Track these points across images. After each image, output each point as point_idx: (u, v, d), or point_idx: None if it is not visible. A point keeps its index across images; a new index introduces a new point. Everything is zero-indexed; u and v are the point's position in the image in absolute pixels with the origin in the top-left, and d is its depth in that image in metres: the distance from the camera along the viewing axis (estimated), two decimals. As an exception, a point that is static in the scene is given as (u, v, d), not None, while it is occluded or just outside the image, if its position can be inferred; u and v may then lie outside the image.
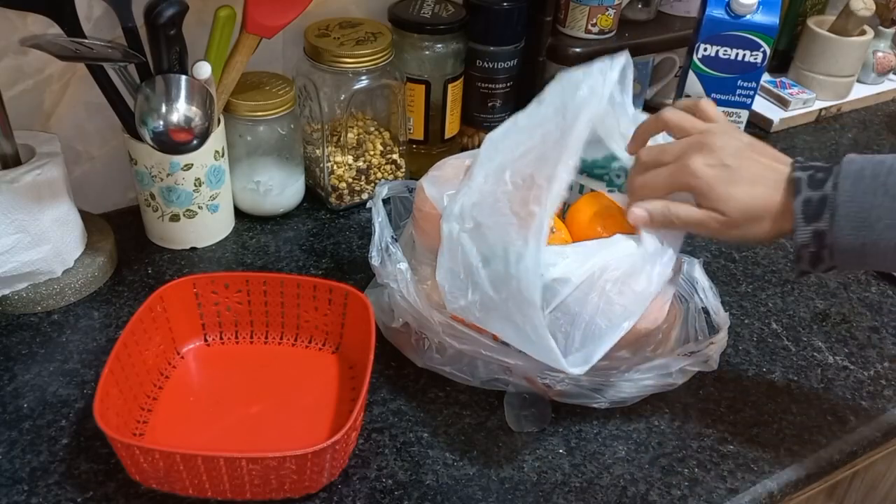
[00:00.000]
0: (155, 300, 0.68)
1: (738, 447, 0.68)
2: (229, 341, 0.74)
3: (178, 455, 0.56)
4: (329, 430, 0.65)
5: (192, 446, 0.61)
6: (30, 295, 0.76)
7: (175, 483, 0.58)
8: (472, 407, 0.70)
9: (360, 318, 0.69)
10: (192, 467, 0.56)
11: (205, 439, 0.65)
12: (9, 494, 0.60)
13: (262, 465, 0.56)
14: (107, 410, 0.59)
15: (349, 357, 0.72)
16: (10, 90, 0.77)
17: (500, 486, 0.63)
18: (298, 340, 0.74)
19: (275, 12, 0.77)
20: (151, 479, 0.59)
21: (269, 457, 0.55)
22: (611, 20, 1.00)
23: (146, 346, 0.67)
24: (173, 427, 0.66)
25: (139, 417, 0.65)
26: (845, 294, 0.86)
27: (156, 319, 0.69)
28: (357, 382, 0.67)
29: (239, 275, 0.73)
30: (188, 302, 0.71)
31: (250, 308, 0.73)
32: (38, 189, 0.73)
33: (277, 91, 0.85)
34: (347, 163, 0.91)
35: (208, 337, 0.73)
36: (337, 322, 0.72)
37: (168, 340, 0.70)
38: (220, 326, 0.73)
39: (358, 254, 0.87)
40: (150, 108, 0.71)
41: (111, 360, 0.62)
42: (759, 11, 0.87)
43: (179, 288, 0.70)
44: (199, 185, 0.82)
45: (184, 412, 0.67)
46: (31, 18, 0.75)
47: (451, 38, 0.93)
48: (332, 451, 0.57)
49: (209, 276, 0.72)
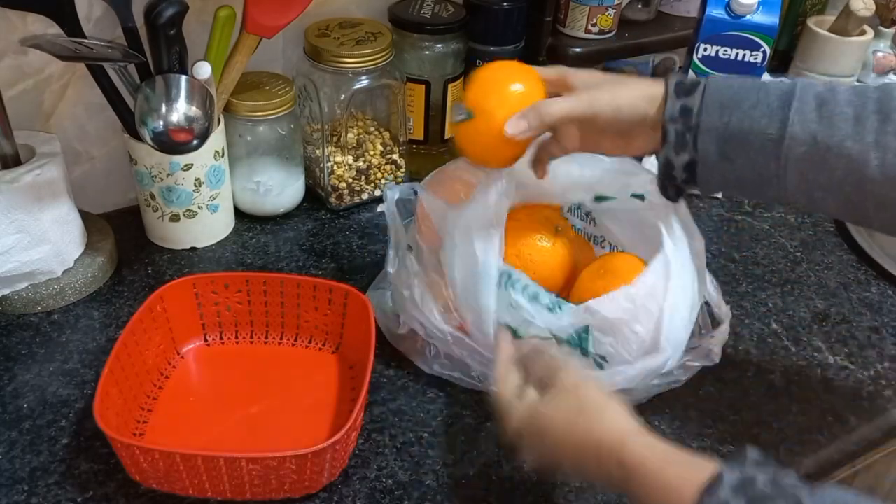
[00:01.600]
0: (155, 300, 0.68)
1: (738, 447, 0.68)
2: (229, 341, 0.74)
3: (178, 455, 0.56)
4: (329, 430, 0.65)
5: (192, 446, 0.61)
6: (30, 295, 0.76)
7: (175, 483, 0.58)
8: (473, 407, 0.70)
9: (360, 318, 0.69)
10: (192, 467, 0.56)
11: (205, 439, 0.65)
12: (9, 494, 0.60)
13: (262, 464, 0.56)
14: (107, 410, 0.59)
15: (349, 357, 0.72)
16: (10, 90, 0.77)
17: (500, 486, 0.63)
18: (298, 340, 0.74)
19: (275, 12, 0.77)
20: (151, 479, 0.59)
21: (268, 457, 0.55)
22: (611, 20, 1.00)
23: (146, 346, 0.67)
24: (173, 427, 0.66)
25: (139, 417, 0.65)
26: (845, 294, 0.86)
27: (156, 319, 0.69)
28: (357, 382, 0.67)
29: (239, 275, 0.73)
30: (188, 302, 0.71)
31: (250, 308, 0.73)
32: (38, 189, 0.72)
33: (277, 91, 0.85)
34: (347, 163, 0.91)
35: (208, 337, 0.73)
36: (337, 322, 0.72)
37: (168, 340, 0.70)
38: (220, 326, 0.73)
39: (358, 254, 0.87)
40: (150, 108, 0.71)
41: (111, 359, 0.62)
42: (759, 11, 0.87)
43: (179, 288, 0.70)
44: (199, 185, 0.82)
45: (184, 412, 0.67)
46: (31, 18, 0.75)
47: (451, 38, 0.93)
48: (332, 451, 0.57)
49: (209, 276, 0.72)
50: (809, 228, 0.97)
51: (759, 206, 1.00)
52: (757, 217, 0.98)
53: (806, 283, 0.87)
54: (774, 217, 0.98)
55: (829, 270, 0.90)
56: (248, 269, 0.84)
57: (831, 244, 0.94)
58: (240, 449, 0.57)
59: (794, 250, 0.92)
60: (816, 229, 0.96)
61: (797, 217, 0.98)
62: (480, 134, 0.63)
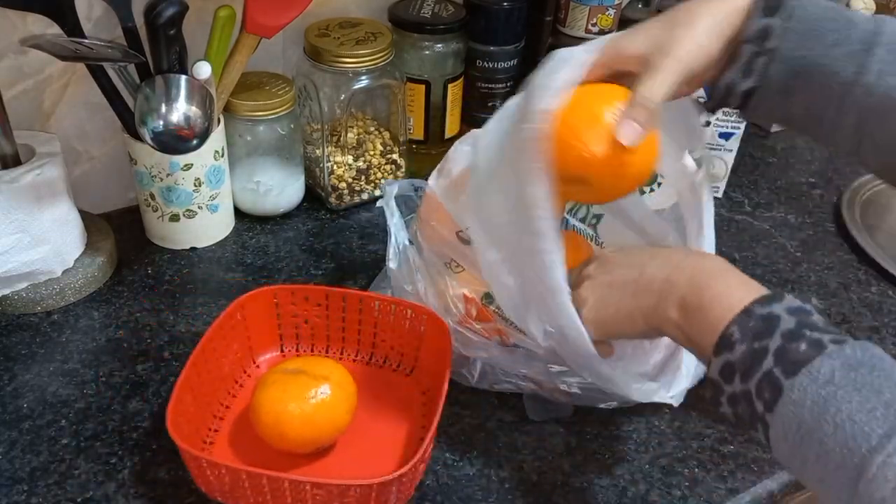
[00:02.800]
0: (235, 308, 0.67)
1: (738, 447, 0.68)
2: (305, 354, 0.73)
3: (245, 472, 0.55)
4: (398, 459, 0.64)
5: (260, 459, 0.61)
6: (30, 295, 0.76)
7: (239, 498, 0.58)
8: (472, 407, 0.69)
9: (438, 342, 0.67)
10: (257, 485, 0.56)
11: (273, 454, 0.63)
12: (9, 494, 0.60)
13: (326, 490, 0.55)
14: (179, 417, 0.58)
15: (422, 381, 0.70)
16: (10, 90, 0.77)
17: (500, 486, 0.63)
18: (374, 359, 0.72)
19: (275, 12, 0.77)
20: (216, 491, 0.58)
21: (333, 483, 0.55)
22: (611, 20, 1.00)
23: (223, 353, 0.67)
24: (244, 438, 0.64)
25: (211, 425, 0.65)
26: (845, 294, 0.86)
27: (235, 327, 0.68)
28: (428, 409, 0.65)
29: (319, 288, 0.71)
30: (268, 311, 0.70)
31: (328, 322, 0.71)
32: (38, 189, 0.72)
33: (277, 91, 0.85)
34: (347, 163, 0.91)
35: (285, 348, 0.72)
36: (413, 344, 0.70)
37: (245, 349, 0.70)
38: (297, 339, 0.72)
39: (358, 254, 0.87)
40: (150, 108, 0.71)
41: (188, 366, 0.61)
42: (760, 11, 0.86)
43: (260, 297, 0.69)
44: (198, 185, 0.82)
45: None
46: (31, 18, 0.75)
47: (451, 38, 0.93)
48: (398, 483, 0.56)
49: (290, 288, 0.70)
50: (809, 228, 0.97)
51: (759, 206, 1.00)
52: (757, 217, 0.98)
53: (806, 283, 0.87)
54: (775, 217, 0.98)
55: (829, 270, 0.90)
56: (248, 269, 0.84)
57: (831, 244, 0.94)
58: (306, 466, 0.56)
59: (794, 250, 0.92)
60: (816, 229, 0.96)
61: (797, 217, 0.98)
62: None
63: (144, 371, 0.71)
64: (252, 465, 0.60)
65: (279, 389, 0.61)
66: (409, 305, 0.69)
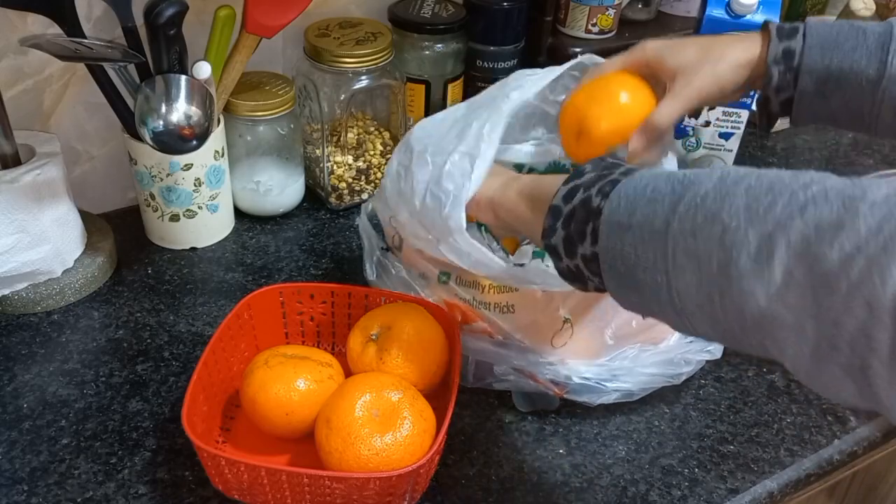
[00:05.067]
0: (243, 307, 0.68)
1: (738, 447, 0.68)
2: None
3: (263, 469, 0.55)
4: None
5: (274, 456, 0.62)
6: (30, 295, 0.76)
7: (258, 495, 0.58)
8: (472, 407, 0.70)
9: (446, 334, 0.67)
10: (276, 482, 0.56)
11: (287, 450, 0.64)
12: (9, 494, 0.60)
13: (347, 484, 0.55)
14: (193, 417, 0.58)
15: None
16: (10, 90, 0.77)
17: (500, 486, 0.63)
18: None
19: (275, 12, 0.77)
20: (234, 489, 0.58)
21: (353, 476, 0.55)
22: (611, 20, 1.00)
23: (232, 352, 0.67)
24: (254, 436, 0.65)
25: (223, 424, 0.65)
26: (845, 294, 0.86)
27: (242, 326, 0.68)
28: (439, 403, 0.65)
29: (325, 286, 0.71)
30: (274, 310, 0.70)
31: (334, 319, 0.72)
32: (38, 189, 0.73)
33: (277, 91, 0.85)
34: (347, 163, 0.91)
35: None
36: None
37: (252, 347, 0.70)
38: (303, 336, 0.72)
39: (358, 254, 0.87)
40: (150, 108, 0.71)
41: (199, 366, 0.61)
42: (759, 11, 0.87)
43: (266, 296, 0.69)
44: (198, 185, 0.82)
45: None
46: (31, 18, 0.75)
47: (451, 38, 0.93)
48: (416, 474, 0.57)
49: (296, 286, 0.70)
50: (809, 228, 0.96)
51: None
52: (757, 217, 0.98)
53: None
54: (774, 217, 0.98)
55: (829, 270, 0.90)
56: (248, 269, 0.84)
57: (831, 244, 0.94)
58: (319, 465, 0.56)
59: (794, 250, 0.92)
60: (816, 229, 0.96)
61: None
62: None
63: (144, 371, 0.71)
64: (266, 462, 0.60)
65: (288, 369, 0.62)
66: (416, 300, 0.69)
